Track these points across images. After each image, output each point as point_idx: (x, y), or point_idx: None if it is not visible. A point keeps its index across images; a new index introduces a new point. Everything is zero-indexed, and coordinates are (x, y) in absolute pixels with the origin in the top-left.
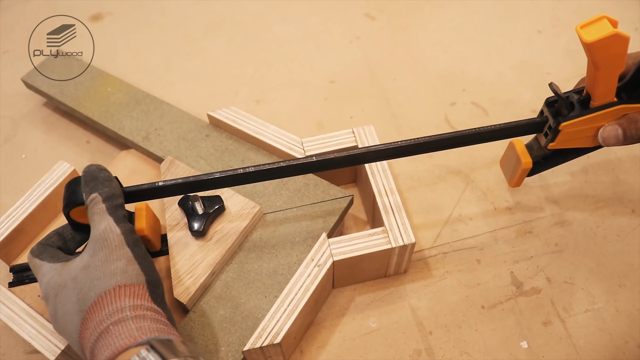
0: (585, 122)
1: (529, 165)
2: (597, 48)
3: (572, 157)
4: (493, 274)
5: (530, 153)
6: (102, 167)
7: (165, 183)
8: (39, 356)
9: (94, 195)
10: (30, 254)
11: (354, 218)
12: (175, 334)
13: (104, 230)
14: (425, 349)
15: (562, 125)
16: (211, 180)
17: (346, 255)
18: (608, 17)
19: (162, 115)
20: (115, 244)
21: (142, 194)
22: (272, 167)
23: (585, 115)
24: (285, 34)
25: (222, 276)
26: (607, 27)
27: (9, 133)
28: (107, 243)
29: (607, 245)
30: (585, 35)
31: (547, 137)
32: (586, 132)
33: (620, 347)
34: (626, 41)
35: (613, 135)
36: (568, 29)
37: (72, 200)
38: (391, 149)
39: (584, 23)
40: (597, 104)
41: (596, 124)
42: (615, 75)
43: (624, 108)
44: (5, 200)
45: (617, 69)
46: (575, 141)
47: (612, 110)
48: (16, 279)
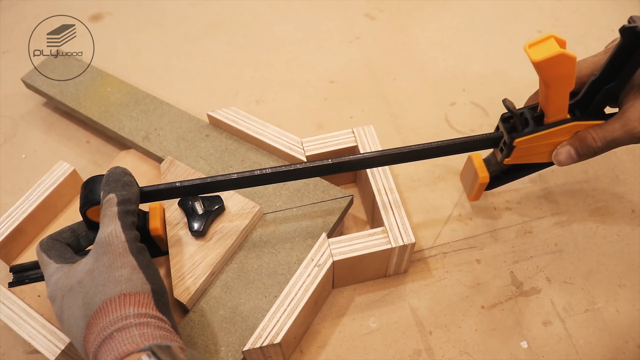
0: (540, 138)
1: (486, 180)
2: (544, 67)
3: (530, 172)
4: (493, 274)
5: (488, 167)
6: (127, 171)
7: (182, 183)
8: (39, 356)
9: (111, 196)
10: (39, 246)
11: (354, 218)
12: (178, 341)
13: (109, 234)
14: (425, 349)
15: (516, 141)
16: (228, 181)
17: (346, 255)
18: (556, 36)
19: (162, 115)
20: (119, 250)
21: (159, 194)
22: (289, 169)
23: (539, 132)
24: (285, 34)
25: (222, 276)
26: (554, 47)
27: (9, 133)
28: (110, 248)
29: (607, 245)
30: (532, 54)
31: (502, 152)
32: (542, 148)
33: (620, 347)
34: (573, 61)
35: (566, 156)
36: (568, 29)
37: (89, 200)
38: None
39: (532, 42)
40: (551, 120)
41: (551, 140)
42: (566, 94)
43: (577, 125)
44: (5, 200)
45: (566, 88)
46: (532, 157)
47: (566, 127)
48: (16, 279)
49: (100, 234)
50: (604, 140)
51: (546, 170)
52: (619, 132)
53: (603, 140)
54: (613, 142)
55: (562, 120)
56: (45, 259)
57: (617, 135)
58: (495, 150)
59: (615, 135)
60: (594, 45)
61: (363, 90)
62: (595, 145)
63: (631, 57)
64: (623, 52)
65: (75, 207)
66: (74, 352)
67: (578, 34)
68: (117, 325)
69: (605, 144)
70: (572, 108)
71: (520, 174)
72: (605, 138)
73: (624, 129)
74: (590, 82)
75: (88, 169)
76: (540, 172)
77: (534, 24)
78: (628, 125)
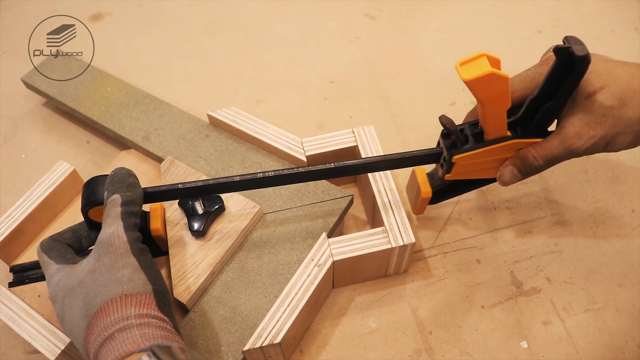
0: (480, 155)
1: (428, 195)
2: (475, 86)
3: (475, 187)
4: (493, 274)
5: (431, 182)
6: (132, 172)
7: (185, 185)
8: (39, 356)
9: (115, 196)
10: (39, 247)
11: (354, 218)
12: (179, 342)
13: (111, 234)
14: (425, 349)
15: (455, 157)
16: (231, 183)
17: (346, 255)
18: (489, 55)
19: (162, 115)
20: (121, 251)
21: (162, 195)
22: (292, 172)
23: (478, 149)
24: (285, 34)
25: (222, 276)
26: (485, 66)
27: (9, 133)
28: (112, 248)
29: (607, 245)
30: (463, 73)
31: (443, 168)
32: (484, 165)
33: (620, 347)
34: (505, 80)
35: (510, 177)
36: (568, 29)
37: (91, 200)
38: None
39: (463, 60)
40: (490, 137)
41: (492, 157)
42: (502, 112)
43: (517, 143)
44: (5, 200)
45: (502, 106)
46: (475, 173)
47: (506, 144)
48: (16, 279)
49: (102, 234)
50: (544, 158)
51: (546, 171)
52: (559, 149)
53: (544, 158)
54: (554, 159)
55: (501, 137)
56: (46, 259)
57: (557, 153)
58: (437, 166)
59: (555, 152)
60: (594, 45)
61: (363, 90)
62: (537, 163)
63: (568, 76)
64: (559, 71)
65: (76, 207)
66: (74, 352)
67: (578, 34)
68: (118, 325)
69: (546, 161)
70: (514, 125)
71: (464, 189)
72: (546, 156)
73: (562, 146)
74: (530, 100)
75: (88, 169)
76: (540, 172)
77: (534, 24)
78: (566, 142)
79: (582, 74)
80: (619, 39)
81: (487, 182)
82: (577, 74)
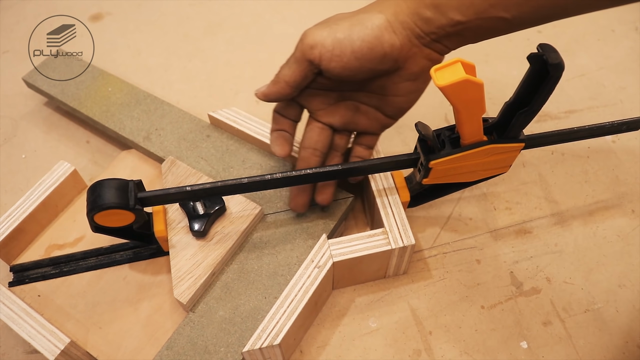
0: (457, 160)
1: (406, 199)
2: (450, 92)
3: (453, 190)
4: (493, 274)
5: (409, 185)
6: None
7: (193, 187)
8: (38, 356)
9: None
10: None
11: (354, 219)
12: None
13: None
14: (425, 349)
15: (431, 163)
16: (238, 185)
17: (346, 256)
18: (463, 61)
19: (162, 115)
20: None
21: (168, 197)
22: (300, 174)
23: (455, 154)
24: (285, 34)
25: (222, 277)
26: (459, 72)
27: (9, 133)
28: None
29: (607, 245)
30: (437, 79)
31: (420, 173)
32: (461, 169)
33: (620, 347)
34: (479, 87)
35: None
36: (568, 28)
37: (97, 205)
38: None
39: (438, 66)
40: (467, 142)
41: (469, 161)
42: (478, 117)
43: (493, 148)
44: (5, 200)
45: (477, 112)
46: (452, 177)
47: (482, 149)
48: (16, 279)
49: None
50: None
51: (546, 170)
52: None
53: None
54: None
55: (478, 142)
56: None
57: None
58: (414, 170)
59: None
60: (594, 45)
61: None
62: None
63: (542, 82)
64: (534, 78)
65: (76, 207)
66: (74, 352)
67: (578, 34)
68: None
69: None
70: (490, 130)
71: (443, 192)
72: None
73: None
74: (506, 105)
75: (88, 169)
76: (540, 172)
77: None
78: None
79: (557, 80)
80: (619, 39)
81: (464, 186)
82: (551, 80)
